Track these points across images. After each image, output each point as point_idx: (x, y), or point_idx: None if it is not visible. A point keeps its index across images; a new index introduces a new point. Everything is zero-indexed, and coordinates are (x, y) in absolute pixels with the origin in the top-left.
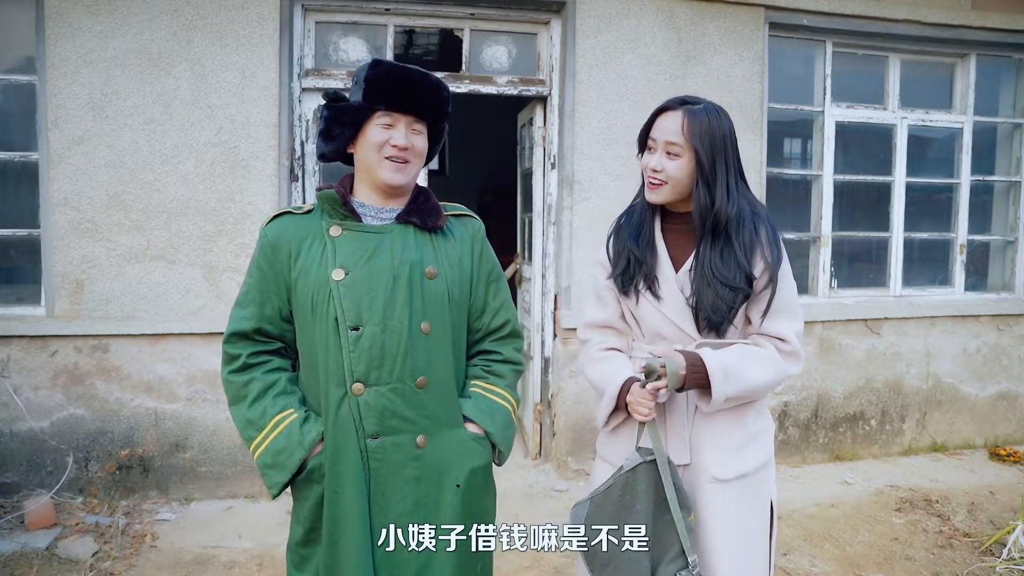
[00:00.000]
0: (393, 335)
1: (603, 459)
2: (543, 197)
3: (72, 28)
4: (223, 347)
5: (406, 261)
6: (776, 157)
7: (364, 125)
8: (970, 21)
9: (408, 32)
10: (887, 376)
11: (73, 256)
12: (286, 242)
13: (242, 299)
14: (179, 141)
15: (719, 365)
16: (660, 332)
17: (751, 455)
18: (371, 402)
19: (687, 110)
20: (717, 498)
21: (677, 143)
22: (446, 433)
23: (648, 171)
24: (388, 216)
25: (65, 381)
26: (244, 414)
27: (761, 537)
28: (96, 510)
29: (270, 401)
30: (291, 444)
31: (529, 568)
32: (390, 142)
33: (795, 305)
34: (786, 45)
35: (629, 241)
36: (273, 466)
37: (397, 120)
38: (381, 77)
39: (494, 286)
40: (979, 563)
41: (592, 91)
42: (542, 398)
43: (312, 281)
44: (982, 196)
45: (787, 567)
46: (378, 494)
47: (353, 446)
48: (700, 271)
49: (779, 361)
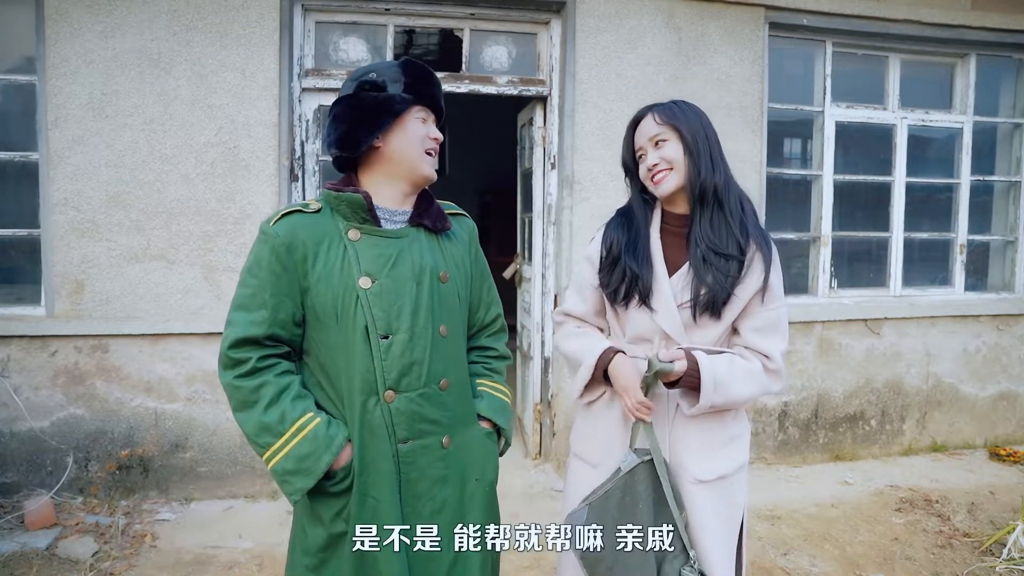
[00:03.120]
0: (420, 341)
1: (579, 457)
2: (543, 197)
3: (72, 28)
4: (227, 353)
5: (425, 267)
6: (776, 157)
7: (403, 118)
8: (970, 21)
9: (408, 32)
10: (887, 376)
11: (73, 256)
12: (301, 243)
13: (247, 302)
14: (179, 141)
15: (711, 375)
16: (644, 335)
17: (730, 457)
18: (402, 408)
19: (653, 107)
20: (697, 499)
21: (659, 132)
22: (465, 431)
23: (648, 170)
24: (400, 219)
25: (65, 381)
26: (258, 419)
27: (734, 538)
28: (96, 510)
29: (288, 405)
30: (318, 449)
31: (529, 568)
32: (430, 135)
33: (785, 326)
34: (786, 45)
35: (627, 256)
36: (297, 472)
37: (429, 115)
38: (421, 73)
39: (487, 282)
40: (979, 563)
41: (592, 91)
42: (542, 398)
43: (335, 287)
44: (982, 196)
45: (787, 567)
46: (410, 497)
47: (387, 452)
48: (695, 245)
49: (764, 377)
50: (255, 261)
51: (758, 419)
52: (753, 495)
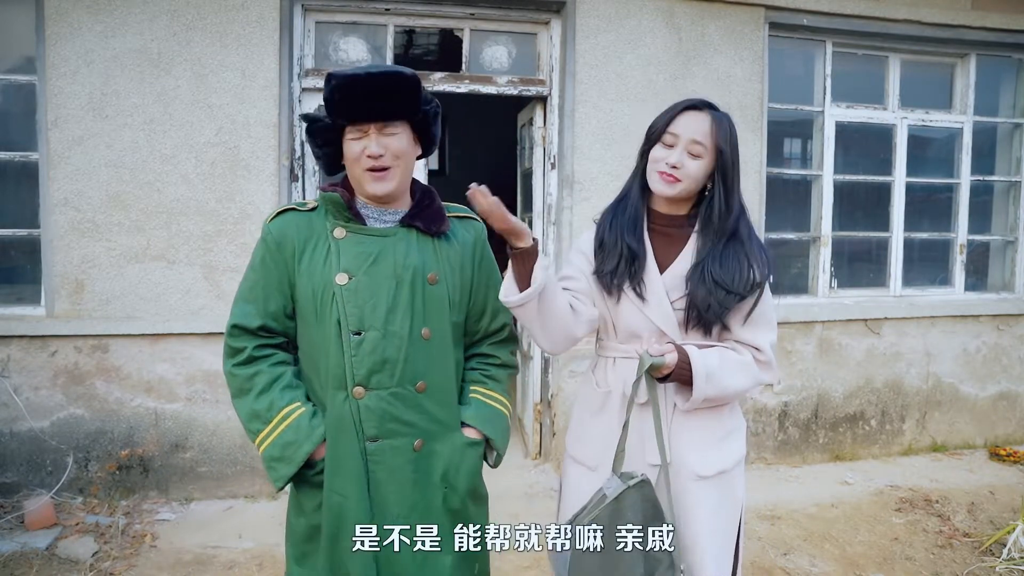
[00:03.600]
0: (394, 340)
1: (576, 461)
2: (543, 197)
3: (72, 28)
4: (226, 340)
5: (408, 266)
6: (776, 157)
7: (341, 141)
8: (970, 21)
9: (408, 32)
10: (887, 376)
11: (73, 256)
12: (290, 240)
13: (246, 294)
14: (179, 141)
15: (703, 367)
16: (637, 332)
17: (729, 452)
18: (371, 405)
19: (714, 114)
20: (699, 496)
21: (703, 144)
22: (443, 437)
23: (664, 165)
24: (391, 219)
25: (65, 381)
26: (250, 406)
27: (733, 533)
28: (96, 510)
29: (277, 394)
30: (300, 437)
31: (529, 568)
32: (365, 152)
33: (773, 317)
34: (786, 45)
35: (627, 234)
36: (281, 459)
37: (367, 129)
38: (333, 94)
39: (495, 290)
40: (979, 563)
41: (592, 91)
42: (542, 398)
43: (315, 283)
44: (982, 196)
45: (787, 567)
46: (378, 497)
47: (354, 448)
48: (700, 274)
49: (755, 369)
50: (254, 257)
51: (758, 419)
52: (753, 495)
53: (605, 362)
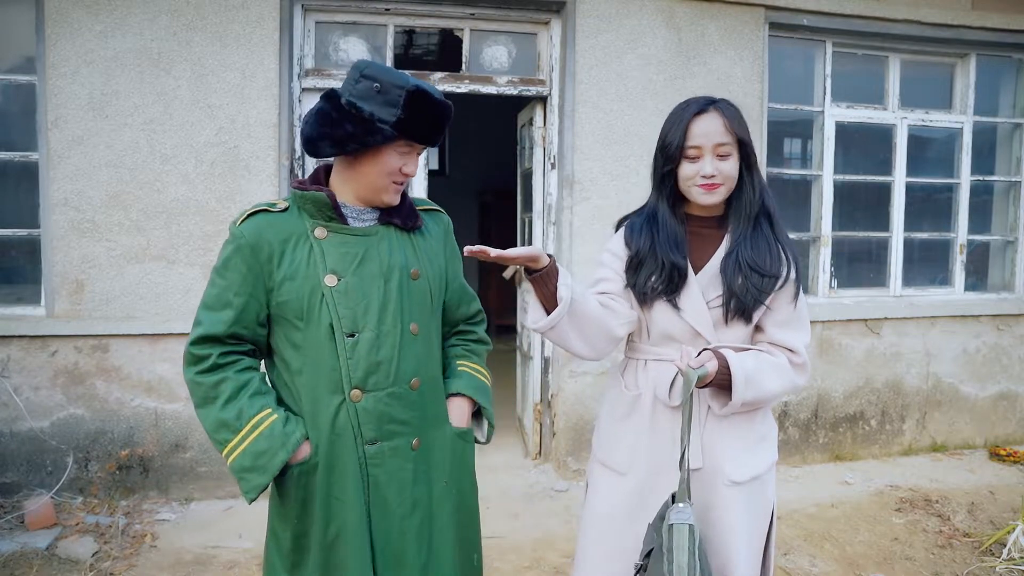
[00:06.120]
0: (387, 340)
1: (603, 464)
2: (543, 197)
3: (72, 28)
4: (188, 349)
5: (394, 265)
6: (776, 157)
7: (380, 149)
8: (970, 21)
9: (408, 32)
10: (887, 376)
11: (73, 256)
12: (266, 243)
13: (213, 302)
14: (179, 141)
15: (742, 371)
16: (672, 334)
17: (762, 457)
18: (369, 408)
19: (719, 108)
20: (733, 501)
21: (726, 142)
22: (435, 432)
23: (700, 178)
24: (370, 217)
25: (65, 381)
26: (216, 416)
27: (762, 537)
28: (96, 510)
29: (246, 401)
30: (273, 446)
31: (529, 568)
32: (403, 169)
33: (806, 317)
34: (786, 45)
35: (672, 253)
36: (253, 469)
37: (414, 149)
38: (420, 114)
39: (462, 278)
40: (979, 563)
41: (592, 91)
42: (542, 398)
43: (301, 286)
44: (982, 196)
45: (787, 567)
46: (378, 499)
47: (352, 453)
48: (735, 261)
49: (791, 371)
50: (222, 262)
51: None
52: None
53: (635, 364)
